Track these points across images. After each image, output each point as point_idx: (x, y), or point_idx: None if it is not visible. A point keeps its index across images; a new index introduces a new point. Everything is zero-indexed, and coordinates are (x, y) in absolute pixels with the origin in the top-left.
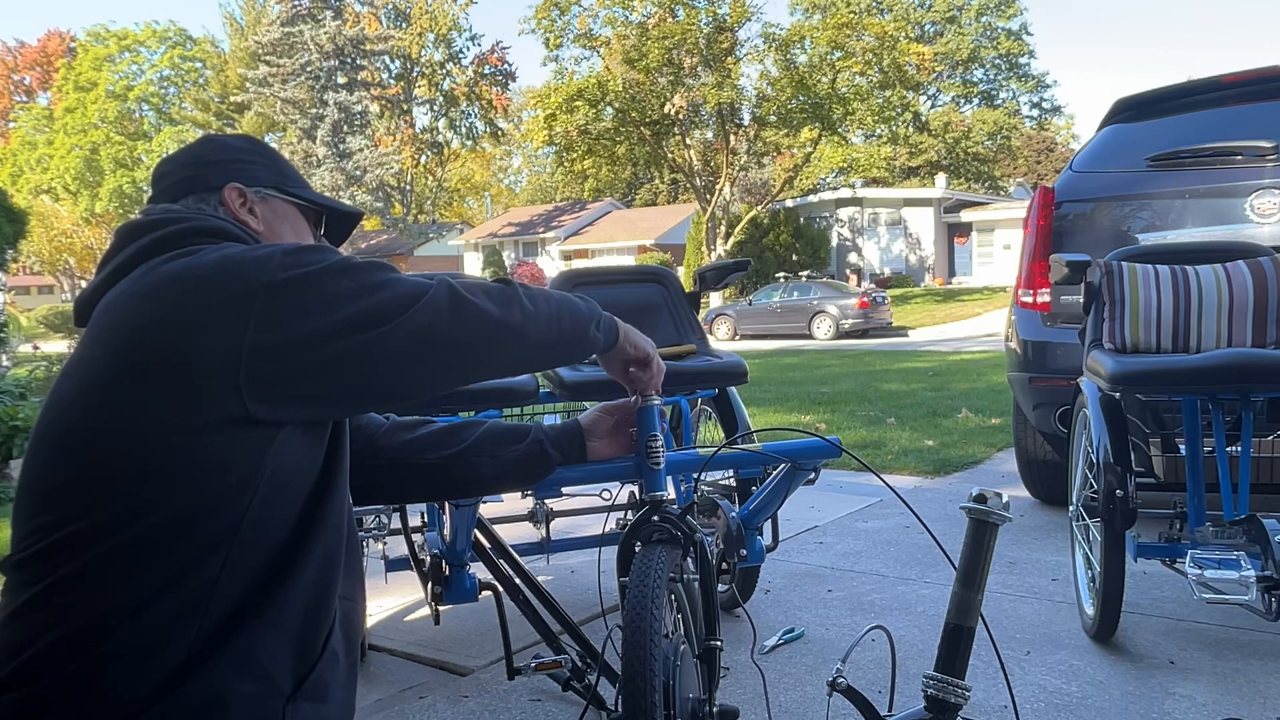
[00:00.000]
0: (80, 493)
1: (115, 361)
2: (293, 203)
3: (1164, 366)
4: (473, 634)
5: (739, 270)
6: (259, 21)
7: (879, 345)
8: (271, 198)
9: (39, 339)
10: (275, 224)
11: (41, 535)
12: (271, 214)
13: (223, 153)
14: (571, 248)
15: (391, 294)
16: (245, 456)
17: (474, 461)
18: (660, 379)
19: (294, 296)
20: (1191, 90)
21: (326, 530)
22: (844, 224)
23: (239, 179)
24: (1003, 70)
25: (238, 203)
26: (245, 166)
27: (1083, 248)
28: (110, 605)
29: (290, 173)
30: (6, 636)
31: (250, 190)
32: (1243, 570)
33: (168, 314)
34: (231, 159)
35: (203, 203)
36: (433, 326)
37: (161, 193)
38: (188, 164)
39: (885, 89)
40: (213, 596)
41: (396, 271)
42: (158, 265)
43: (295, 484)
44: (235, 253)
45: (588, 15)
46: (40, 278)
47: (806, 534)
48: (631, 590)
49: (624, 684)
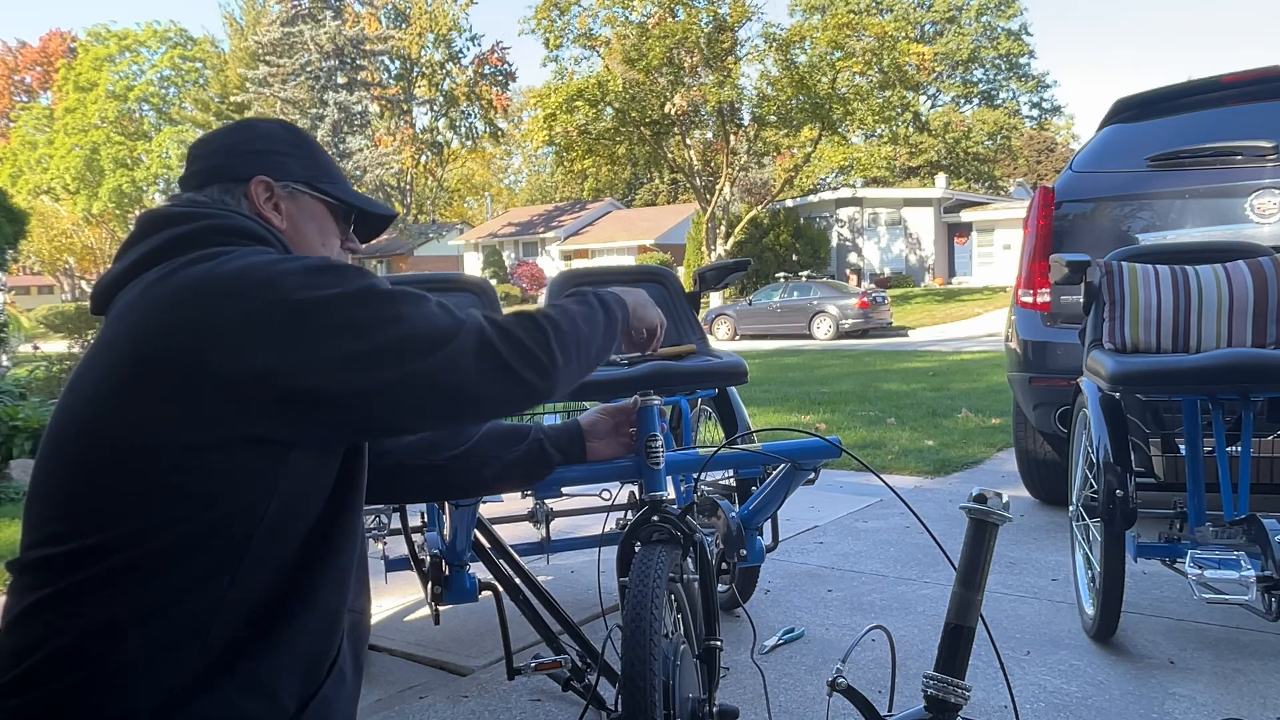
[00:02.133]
0: (89, 508)
1: (129, 372)
2: (322, 200)
3: (1164, 366)
4: (473, 634)
5: (739, 270)
6: (259, 21)
7: (879, 345)
8: (300, 193)
9: (39, 339)
10: (300, 222)
11: (50, 544)
12: (298, 211)
13: (256, 141)
14: (571, 248)
15: (411, 332)
16: (256, 476)
17: (475, 462)
18: (657, 344)
19: (309, 320)
20: (1191, 90)
21: (339, 552)
22: (844, 224)
23: (268, 171)
24: (1003, 70)
25: (263, 197)
26: (277, 158)
27: (1083, 248)
28: (116, 618)
29: (325, 166)
30: (12, 640)
31: (278, 184)
32: (1243, 570)
33: (183, 325)
34: (264, 149)
35: (228, 194)
36: (453, 377)
37: (190, 177)
38: (219, 151)
39: (885, 89)
40: (220, 615)
41: (423, 302)
42: (180, 267)
43: (307, 505)
44: (257, 265)
45: (588, 15)
46: (40, 278)
47: (806, 534)
48: (631, 590)
49: (624, 684)
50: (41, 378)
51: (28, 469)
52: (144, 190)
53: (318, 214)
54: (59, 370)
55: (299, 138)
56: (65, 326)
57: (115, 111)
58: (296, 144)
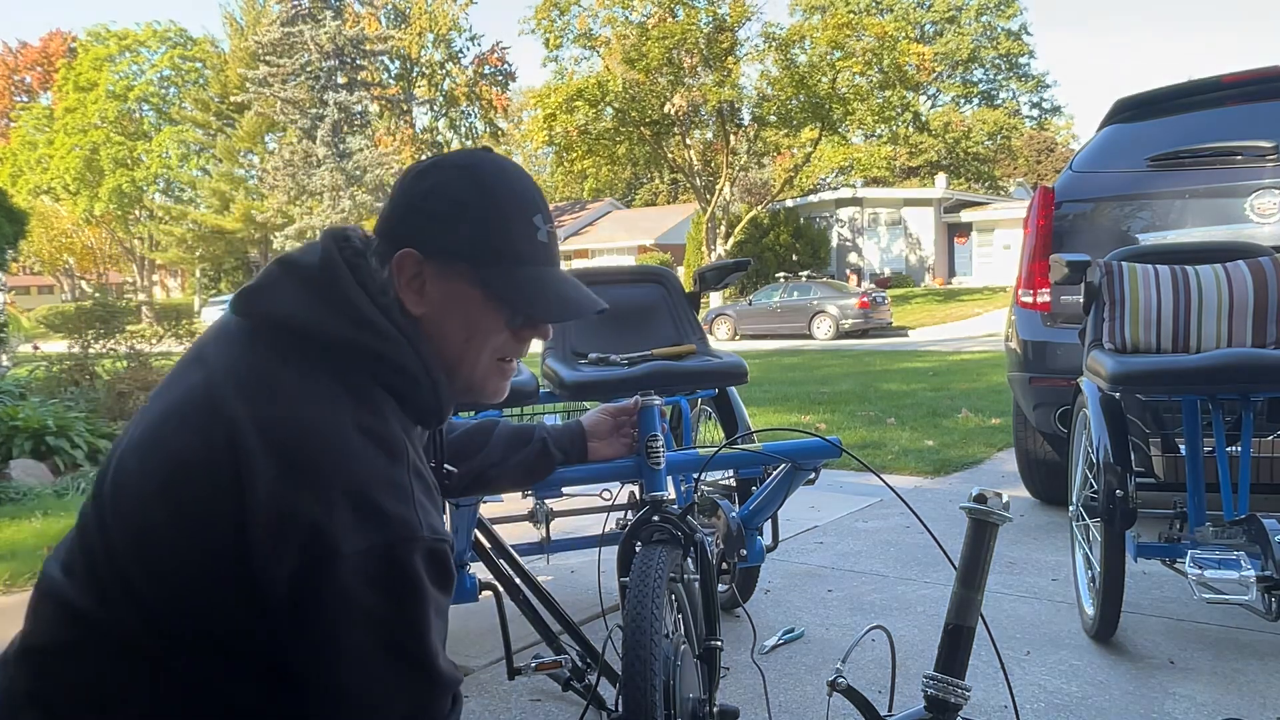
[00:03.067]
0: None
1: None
2: (481, 290)
3: (1164, 366)
4: (473, 634)
5: (739, 270)
6: (259, 21)
7: (879, 345)
8: (456, 276)
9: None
10: (444, 315)
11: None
12: (443, 298)
13: (428, 198)
14: (571, 248)
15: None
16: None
17: (483, 464)
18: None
19: (330, 602)
20: (1191, 90)
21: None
22: (844, 224)
23: (421, 241)
24: (1003, 70)
25: (408, 275)
26: (441, 224)
27: (1083, 248)
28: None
29: (502, 243)
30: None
31: (430, 263)
32: (1243, 570)
33: (234, 464)
34: (430, 211)
35: (381, 259)
36: None
37: (380, 216)
38: (397, 199)
39: (885, 89)
40: None
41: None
42: (277, 367)
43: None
44: (336, 477)
45: (587, 15)
46: (40, 278)
47: (806, 534)
48: (632, 590)
49: (624, 684)
50: (41, 378)
51: (28, 469)
52: (144, 190)
53: (468, 304)
54: (59, 370)
55: (486, 196)
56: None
57: (115, 111)
58: (477, 204)
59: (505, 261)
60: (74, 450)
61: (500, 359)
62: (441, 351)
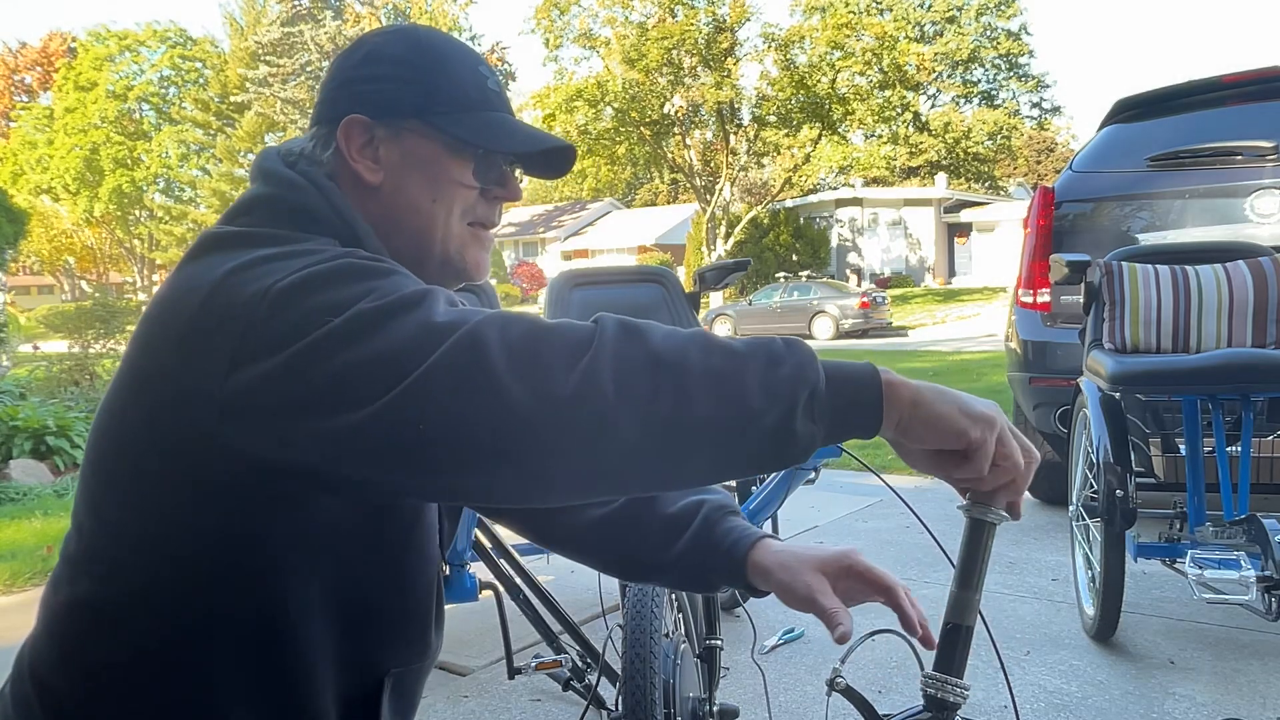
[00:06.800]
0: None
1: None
2: (439, 140)
3: (1164, 366)
4: (473, 634)
5: (739, 270)
6: (259, 21)
7: (879, 345)
8: (409, 134)
9: (39, 339)
10: (402, 174)
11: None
12: (401, 159)
13: (364, 65)
14: (571, 248)
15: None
16: (254, 522)
17: None
18: (1025, 482)
19: (269, 356)
20: (1191, 90)
21: (387, 620)
22: (844, 224)
23: (366, 106)
24: (1003, 70)
25: (357, 144)
26: (384, 87)
27: (1083, 248)
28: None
29: (453, 89)
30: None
31: (380, 124)
32: (1243, 570)
33: (155, 343)
34: (370, 75)
35: (320, 144)
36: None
37: (315, 107)
38: (328, 81)
39: (885, 89)
40: (214, 696)
41: (425, 310)
42: (186, 258)
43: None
44: (225, 289)
45: (587, 15)
46: (40, 278)
47: (806, 534)
48: (632, 590)
49: (624, 683)
50: (41, 378)
51: (28, 469)
52: (144, 190)
53: (429, 160)
54: (59, 370)
55: (426, 56)
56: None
57: (115, 111)
58: (418, 64)
59: (459, 110)
60: (74, 450)
61: (473, 224)
62: (408, 221)
